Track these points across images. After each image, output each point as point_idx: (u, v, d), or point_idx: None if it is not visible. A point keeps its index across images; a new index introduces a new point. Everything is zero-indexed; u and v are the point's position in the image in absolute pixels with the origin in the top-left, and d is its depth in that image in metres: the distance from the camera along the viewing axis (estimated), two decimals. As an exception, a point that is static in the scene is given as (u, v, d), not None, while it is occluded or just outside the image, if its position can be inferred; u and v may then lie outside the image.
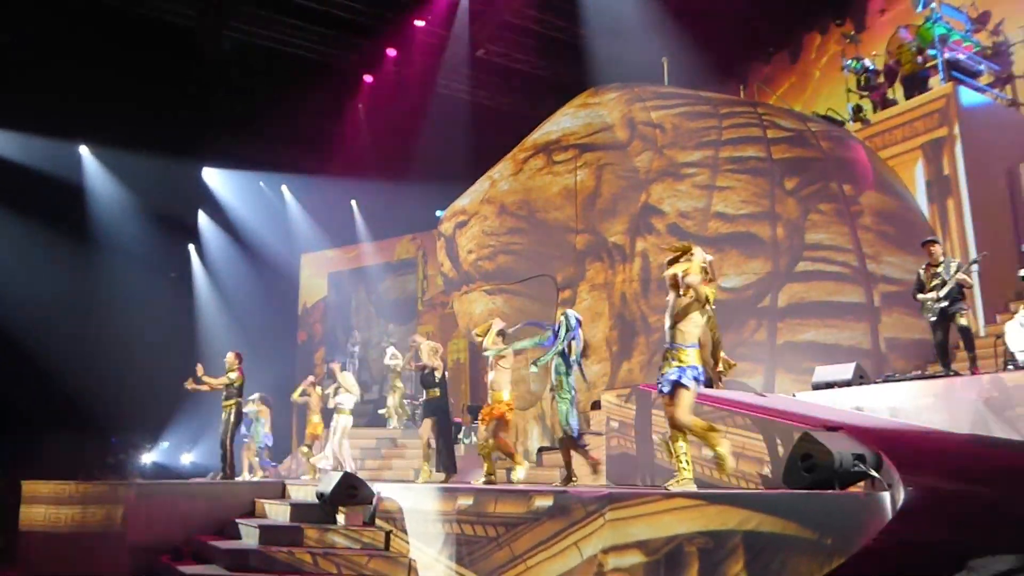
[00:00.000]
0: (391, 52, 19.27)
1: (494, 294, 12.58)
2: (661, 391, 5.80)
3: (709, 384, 8.41)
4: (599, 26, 17.06)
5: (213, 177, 20.92)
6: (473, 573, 5.95)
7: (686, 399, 5.64)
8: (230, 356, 10.81)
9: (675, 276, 5.65)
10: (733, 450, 6.42)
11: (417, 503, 6.89)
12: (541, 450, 11.58)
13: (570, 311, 7.40)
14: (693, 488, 5.41)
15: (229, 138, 19.85)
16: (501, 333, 7.80)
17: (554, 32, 18.36)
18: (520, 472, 7.71)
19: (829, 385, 8.13)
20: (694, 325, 5.65)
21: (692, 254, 5.70)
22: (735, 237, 10.93)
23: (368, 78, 19.79)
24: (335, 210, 20.93)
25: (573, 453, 7.38)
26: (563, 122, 12.98)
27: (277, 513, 8.24)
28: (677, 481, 5.53)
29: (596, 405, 9.47)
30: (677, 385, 5.66)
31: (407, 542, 6.85)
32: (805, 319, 10.55)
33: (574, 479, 7.36)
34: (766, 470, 6.32)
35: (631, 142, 12.15)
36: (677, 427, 5.67)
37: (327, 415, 11.32)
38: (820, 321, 10.50)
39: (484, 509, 6.00)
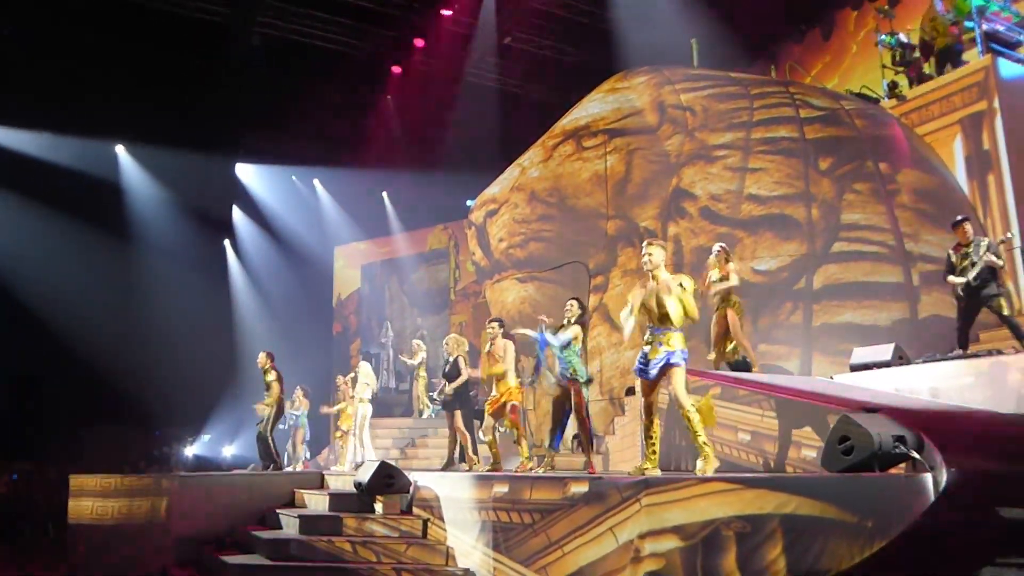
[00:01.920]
0: (419, 42, 19.28)
1: (526, 282, 12.57)
2: (648, 377, 5.81)
3: (748, 368, 8.37)
4: (626, 10, 16.88)
5: (247, 172, 21.20)
6: (510, 559, 5.99)
7: (680, 378, 5.67)
8: (262, 357, 11.05)
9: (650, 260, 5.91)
10: (768, 433, 6.38)
11: (454, 491, 6.94)
12: (576, 437, 11.58)
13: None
14: (658, 473, 5.50)
15: (261, 134, 20.13)
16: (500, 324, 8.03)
17: (581, 17, 18.21)
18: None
19: (868, 367, 7.98)
20: (676, 309, 5.72)
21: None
22: (769, 219, 10.79)
23: (397, 69, 19.82)
24: (367, 202, 21.09)
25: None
26: (592, 108, 12.90)
27: (316, 503, 8.36)
28: (704, 464, 5.54)
29: (630, 391, 9.44)
30: (668, 366, 5.68)
31: (444, 530, 6.91)
32: (842, 300, 10.39)
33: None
34: (806, 453, 6.25)
35: (661, 126, 12.03)
36: (681, 408, 5.69)
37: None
38: (857, 302, 10.32)
39: (520, 496, 6.02)
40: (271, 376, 10.87)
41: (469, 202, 15.13)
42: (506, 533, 6.08)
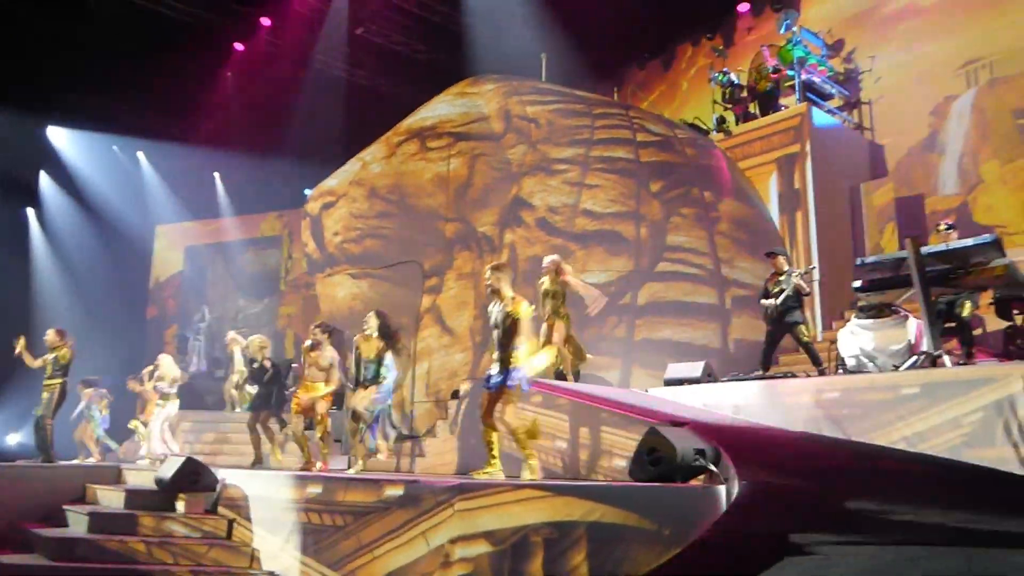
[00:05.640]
0: (266, 21, 18.48)
1: (359, 278, 12.32)
2: (488, 388, 6.16)
3: (563, 377, 8.61)
4: (481, 16, 17.04)
5: (59, 136, 19.37)
6: (318, 563, 5.82)
7: (511, 400, 6.03)
8: (51, 334, 10.03)
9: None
10: (585, 441, 6.58)
11: (264, 491, 6.67)
12: (400, 438, 11.49)
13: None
14: (501, 477, 5.75)
15: (81, 96, 18.44)
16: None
17: (435, 17, 18.17)
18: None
19: (680, 382, 8.45)
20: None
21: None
22: (601, 235, 11.19)
23: (239, 46, 18.89)
24: (196, 181, 19.89)
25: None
26: (439, 109, 12.87)
27: (110, 499, 7.76)
28: (485, 471, 5.94)
29: (455, 394, 9.47)
30: (503, 385, 6.03)
31: (251, 531, 6.62)
32: (662, 317, 10.93)
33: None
34: (616, 462, 6.50)
35: (506, 134, 12.20)
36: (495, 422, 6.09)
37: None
38: (676, 320, 10.90)
39: (333, 498, 5.87)
40: (63, 352, 9.88)
41: (307, 191, 14.67)
42: (316, 535, 5.90)
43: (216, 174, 20.12)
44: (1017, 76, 12.87)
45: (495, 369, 6.11)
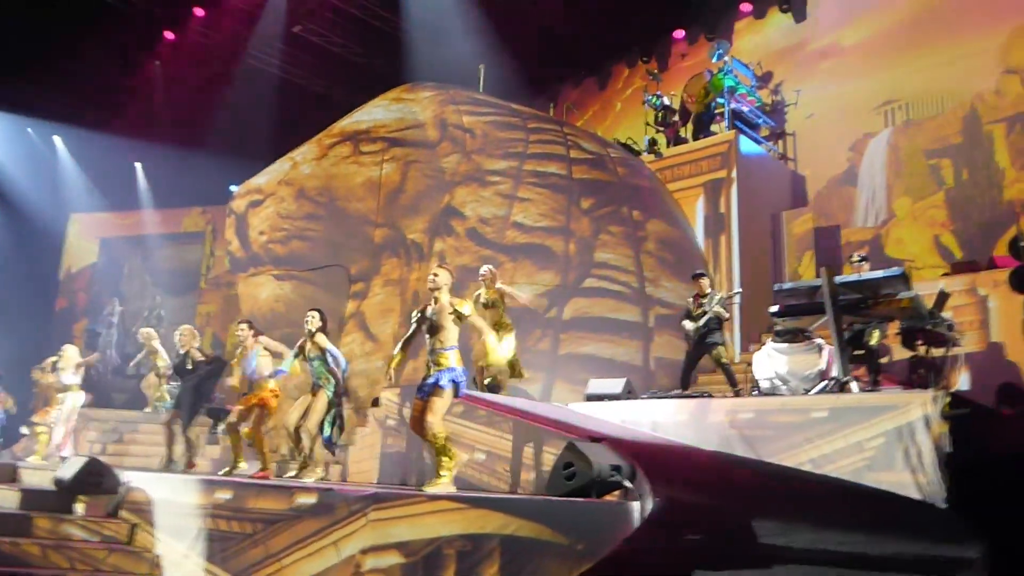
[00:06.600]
0: (199, 10, 18.01)
1: (283, 280, 12.06)
2: (421, 396, 5.85)
3: (497, 390, 8.60)
4: (420, 23, 17.01)
5: (-32, 114, 18.45)
6: (224, 571, 5.64)
7: (440, 403, 5.74)
8: None
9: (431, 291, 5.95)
10: (504, 454, 6.58)
11: (171, 495, 6.44)
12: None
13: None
14: (451, 490, 5.48)
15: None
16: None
17: (375, 21, 18.03)
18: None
19: (601, 397, 8.54)
20: (452, 330, 5.86)
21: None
22: (530, 248, 11.25)
23: (170, 34, 18.33)
24: (116, 171, 19.16)
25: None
26: (375, 113, 12.76)
27: (4, 499, 7.35)
28: (436, 482, 5.61)
29: (376, 402, 9.36)
30: (435, 387, 5.77)
31: (154, 536, 6.38)
32: (586, 333, 11.03)
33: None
34: (533, 476, 6.53)
35: (440, 143, 12.17)
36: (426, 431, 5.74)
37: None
38: (599, 336, 11.02)
39: (243, 504, 5.71)
40: None
41: (233, 188, 14.31)
42: (223, 543, 5.72)
43: (138, 164, 19.43)
44: (929, 119, 13.56)
45: (426, 372, 5.86)
